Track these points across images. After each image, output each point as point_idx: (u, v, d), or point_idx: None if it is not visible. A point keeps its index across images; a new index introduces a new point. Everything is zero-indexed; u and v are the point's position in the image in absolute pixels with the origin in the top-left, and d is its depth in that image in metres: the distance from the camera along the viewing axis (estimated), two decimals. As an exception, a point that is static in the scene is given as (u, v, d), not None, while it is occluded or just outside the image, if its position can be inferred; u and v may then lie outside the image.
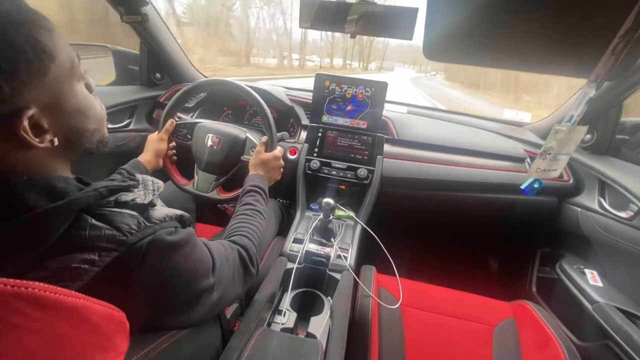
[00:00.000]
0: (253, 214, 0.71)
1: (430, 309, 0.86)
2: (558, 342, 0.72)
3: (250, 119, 1.38)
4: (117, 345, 0.33)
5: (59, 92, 0.35)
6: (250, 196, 0.75)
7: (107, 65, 1.35)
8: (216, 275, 0.49)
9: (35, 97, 0.33)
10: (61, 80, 0.35)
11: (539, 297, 1.19)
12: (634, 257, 0.88)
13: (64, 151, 0.39)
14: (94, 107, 0.42)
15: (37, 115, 0.33)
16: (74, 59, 0.38)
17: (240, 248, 0.60)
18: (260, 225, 0.70)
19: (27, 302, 0.25)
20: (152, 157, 0.90)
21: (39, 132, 0.34)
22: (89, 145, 0.42)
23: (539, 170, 0.55)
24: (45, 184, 0.34)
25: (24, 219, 0.31)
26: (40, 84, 0.33)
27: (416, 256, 1.46)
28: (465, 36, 0.43)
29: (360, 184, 1.11)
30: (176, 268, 0.41)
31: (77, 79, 0.39)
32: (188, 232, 0.44)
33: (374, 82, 1.12)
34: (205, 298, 0.47)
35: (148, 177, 0.46)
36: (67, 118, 0.37)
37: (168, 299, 0.41)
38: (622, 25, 0.34)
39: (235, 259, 0.57)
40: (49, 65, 0.33)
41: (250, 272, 0.60)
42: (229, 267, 0.54)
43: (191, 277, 0.44)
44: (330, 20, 0.84)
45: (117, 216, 0.37)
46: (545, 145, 0.52)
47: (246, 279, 0.59)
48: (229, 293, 0.53)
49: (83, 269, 0.33)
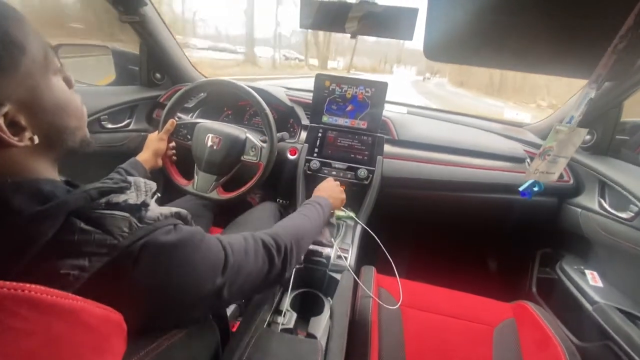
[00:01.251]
0: (297, 216, 0.70)
1: (430, 310, 0.86)
2: (558, 343, 0.72)
3: (251, 119, 1.38)
4: (114, 347, 0.32)
5: (34, 87, 0.34)
6: (304, 205, 0.76)
7: (107, 65, 1.35)
8: (227, 274, 0.45)
9: (9, 93, 0.31)
10: (35, 74, 0.34)
11: (539, 298, 1.19)
12: (634, 258, 0.88)
13: (46, 150, 0.37)
14: (74, 103, 0.40)
15: (13, 112, 0.32)
16: (48, 51, 0.36)
17: (265, 236, 0.55)
18: (301, 222, 0.67)
19: (23, 304, 0.25)
20: (150, 156, 0.90)
21: (16, 130, 0.33)
22: (71, 144, 0.40)
23: (537, 171, 0.54)
24: (32, 187, 0.33)
25: (10, 224, 0.30)
26: (12, 79, 0.31)
27: (416, 257, 1.46)
28: (465, 36, 0.43)
29: (360, 184, 1.10)
30: (174, 271, 0.38)
31: (54, 72, 0.37)
32: (190, 231, 0.42)
33: (374, 82, 1.12)
34: (210, 300, 0.44)
35: (140, 178, 0.44)
36: (46, 114, 0.35)
37: (166, 303, 0.39)
38: (623, 25, 0.34)
39: (257, 250, 0.52)
40: (19, 58, 0.32)
41: (275, 263, 0.53)
42: (247, 261, 0.49)
43: (193, 280, 0.41)
44: (331, 20, 0.84)
45: (108, 219, 0.35)
46: (545, 145, 0.52)
47: (269, 273, 0.52)
48: (242, 289, 0.48)
49: (73, 275, 0.31)
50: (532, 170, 0.54)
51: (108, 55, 1.35)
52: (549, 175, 0.55)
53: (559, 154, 0.52)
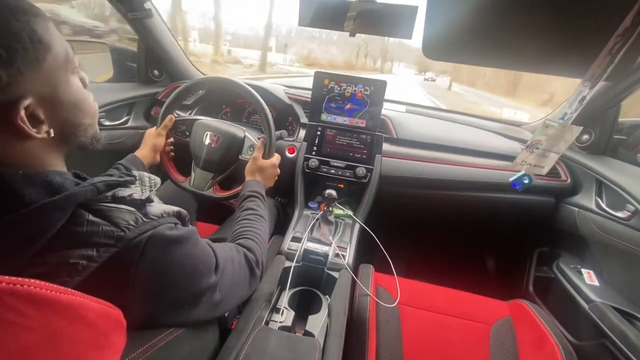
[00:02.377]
0: (256, 218, 0.72)
1: (428, 308, 0.86)
2: (554, 341, 0.73)
3: (249, 117, 1.38)
4: (113, 343, 0.33)
5: (54, 83, 0.36)
6: (250, 201, 0.76)
7: (105, 61, 1.34)
8: (219, 275, 0.49)
9: (32, 87, 0.33)
10: (57, 72, 0.36)
11: (536, 296, 1.20)
12: (630, 257, 0.89)
13: (59, 144, 0.39)
14: (88, 102, 0.42)
15: (34, 106, 0.33)
16: (69, 51, 0.38)
17: (246, 250, 0.61)
18: (263, 228, 0.72)
19: (22, 299, 0.25)
20: (149, 152, 0.90)
21: (35, 122, 0.34)
22: (83, 139, 0.42)
23: (525, 163, 0.55)
24: (42, 179, 0.34)
25: (22, 214, 0.31)
26: (36, 74, 0.33)
27: (414, 255, 1.47)
28: (464, 35, 0.43)
29: (358, 182, 1.10)
30: (176, 264, 0.41)
31: (72, 71, 0.39)
32: (189, 230, 0.44)
33: (373, 80, 1.12)
34: (206, 297, 0.46)
35: (145, 173, 0.46)
36: (63, 110, 0.37)
37: (167, 295, 0.41)
38: (620, 25, 0.34)
39: (241, 261, 0.58)
40: (44, 55, 0.34)
41: (256, 274, 0.61)
42: (234, 268, 0.54)
43: (191, 274, 0.43)
44: (330, 18, 0.83)
45: (115, 212, 0.36)
46: (533, 139, 0.52)
47: (252, 281, 0.60)
48: (233, 295, 0.54)
49: (81, 265, 0.32)
50: (520, 162, 0.55)
51: (106, 52, 1.35)
52: (538, 168, 0.55)
53: (549, 149, 0.52)
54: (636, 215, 0.86)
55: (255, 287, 0.62)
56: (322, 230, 0.98)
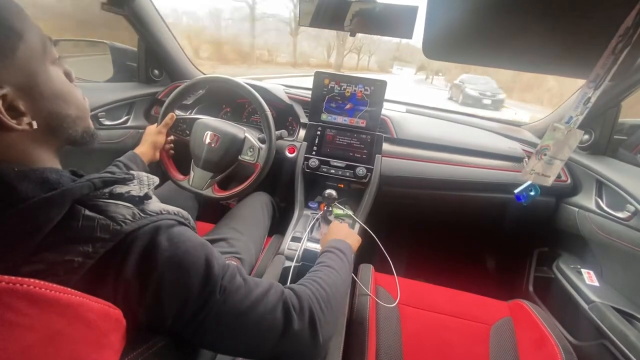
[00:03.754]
0: (323, 270, 0.59)
1: (428, 308, 0.86)
2: (554, 341, 0.73)
3: (249, 116, 1.38)
4: (113, 343, 0.32)
5: (31, 73, 0.35)
6: (323, 255, 0.66)
7: (105, 61, 1.33)
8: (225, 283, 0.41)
9: (6, 77, 0.32)
10: (33, 61, 0.35)
11: (536, 297, 1.20)
12: (630, 257, 0.89)
13: (46, 137, 0.38)
14: (74, 95, 0.41)
15: (12, 96, 0.33)
16: (45, 41, 0.37)
17: (288, 291, 0.48)
18: (331, 280, 0.56)
19: (22, 299, 0.25)
20: (149, 149, 0.90)
21: (15, 114, 0.34)
22: (72, 133, 0.41)
23: (533, 172, 0.53)
24: (38, 175, 0.34)
25: (17, 210, 0.31)
26: (9, 63, 0.32)
27: (414, 255, 1.47)
28: (465, 35, 0.43)
29: (358, 182, 1.10)
30: (174, 262, 0.38)
31: (52, 62, 0.38)
32: (188, 229, 0.42)
33: (373, 80, 1.12)
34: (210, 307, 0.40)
35: (143, 172, 0.45)
36: (45, 102, 0.37)
37: (163, 294, 0.37)
38: (622, 25, 0.34)
39: (276, 300, 0.45)
40: (16, 44, 0.33)
41: (293, 327, 0.44)
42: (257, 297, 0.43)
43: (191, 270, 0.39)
44: (330, 18, 0.83)
45: (112, 207, 0.36)
46: (542, 143, 0.51)
47: (283, 336, 0.43)
48: (239, 334, 0.42)
49: (77, 262, 0.32)
50: (529, 170, 0.53)
51: (106, 53, 1.34)
52: (544, 178, 0.53)
53: (555, 156, 0.51)
54: (636, 216, 0.86)
55: (297, 347, 0.45)
56: (322, 230, 0.98)
